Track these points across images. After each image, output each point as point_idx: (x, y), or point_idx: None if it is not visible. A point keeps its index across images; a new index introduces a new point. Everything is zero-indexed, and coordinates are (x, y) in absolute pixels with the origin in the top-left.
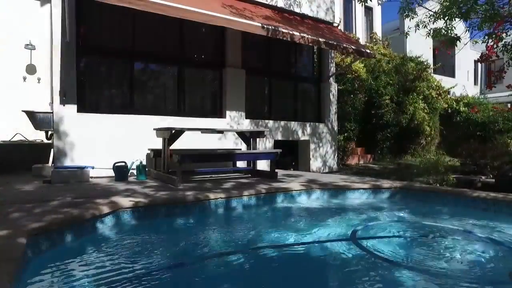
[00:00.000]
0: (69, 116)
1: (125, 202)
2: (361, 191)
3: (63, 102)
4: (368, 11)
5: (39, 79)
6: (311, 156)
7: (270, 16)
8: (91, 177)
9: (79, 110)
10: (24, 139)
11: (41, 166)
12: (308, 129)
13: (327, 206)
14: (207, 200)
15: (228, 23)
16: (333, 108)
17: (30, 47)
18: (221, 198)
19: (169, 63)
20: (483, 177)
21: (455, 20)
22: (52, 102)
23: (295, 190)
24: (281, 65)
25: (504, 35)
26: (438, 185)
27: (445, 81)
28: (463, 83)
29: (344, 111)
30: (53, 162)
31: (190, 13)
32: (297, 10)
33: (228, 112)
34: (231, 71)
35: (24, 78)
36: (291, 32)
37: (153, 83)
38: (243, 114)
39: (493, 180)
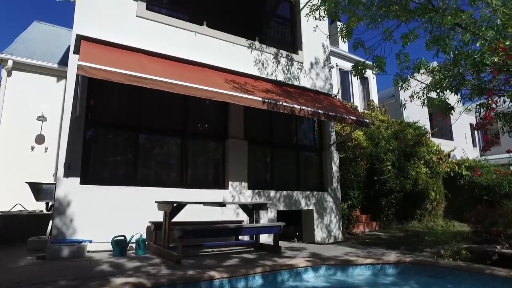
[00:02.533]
0: (71, 188)
1: None
2: (369, 266)
3: (66, 174)
4: (364, 80)
5: (46, 149)
6: (315, 226)
7: (270, 89)
8: (89, 251)
9: (82, 182)
10: (24, 209)
11: (37, 239)
12: (311, 198)
13: (334, 286)
14: (209, 281)
15: (231, 99)
16: (336, 176)
17: (42, 118)
18: (223, 278)
19: (173, 135)
20: (498, 247)
21: (447, 91)
22: (56, 173)
23: (300, 267)
24: (282, 135)
25: (494, 105)
26: (450, 258)
27: (444, 144)
28: (462, 145)
29: (346, 178)
30: (50, 234)
31: (195, 90)
32: (296, 83)
33: (230, 183)
34: (233, 143)
35: (32, 148)
36: (291, 106)
37: (156, 155)
38: (246, 184)
39: (510, 251)
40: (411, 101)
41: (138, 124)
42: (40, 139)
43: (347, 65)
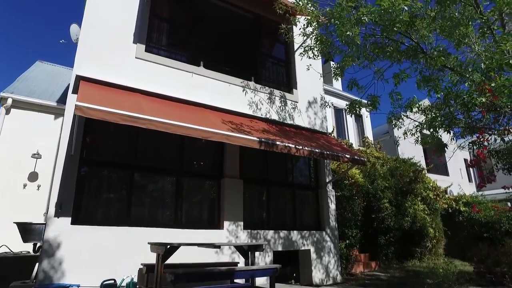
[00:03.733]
0: (62, 229)
1: None
2: None
3: (58, 214)
4: (358, 117)
5: (38, 187)
6: (313, 267)
7: (266, 129)
8: None
9: (73, 222)
10: (9, 251)
11: (21, 284)
12: (309, 238)
13: None
14: None
15: (227, 139)
16: (333, 215)
17: (36, 156)
18: None
19: (168, 174)
20: None
21: (439, 130)
22: (47, 212)
23: None
24: (278, 173)
25: (486, 143)
26: None
27: (440, 180)
28: (458, 180)
29: (344, 217)
30: (35, 278)
31: (191, 130)
32: (291, 122)
33: (225, 223)
34: (229, 182)
35: (24, 185)
36: (287, 146)
37: (151, 195)
38: (241, 224)
39: None
40: (404, 138)
41: (133, 162)
42: (33, 176)
43: (341, 103)
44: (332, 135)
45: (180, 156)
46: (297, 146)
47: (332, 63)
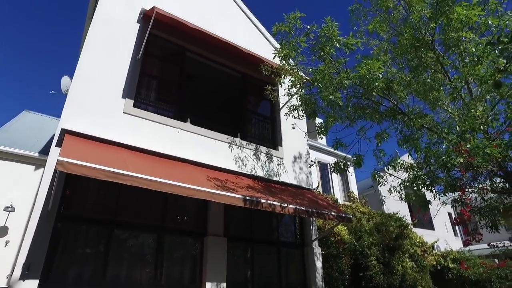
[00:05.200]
0: None
1: None
2: None
3: (23, 276)
4: (343, 172)
5: (7, 243)
6: None
7: (251, 186)
8: None
9: (41, 286)
10: None
11: None
12: None
13: None
14: None
15: (211, 197)
16: (320, 274)
17: (9, 209)
18: None
19: (149, 232)
20: None
21: (422, 188)
22: (11, 275)
23: None
24: (263, 231)
25: (468, 201)
26: None
27: (426, 235)
28: (443, 235)
29: (331, 276)
30: None
31: (175, 188)
32: (277, 178)
33: (208, 284)
34: (212, 240)
35: None
36: (272, 203)
37: (130, 253)
38: (224, 285)
39: None
40: (390, 194)
41: (113, 218)
42: (2, 231)
43: (326, 158)
44: (318, 190)
45: (162, 212)
46: (282, 204)
47: (317, 120)
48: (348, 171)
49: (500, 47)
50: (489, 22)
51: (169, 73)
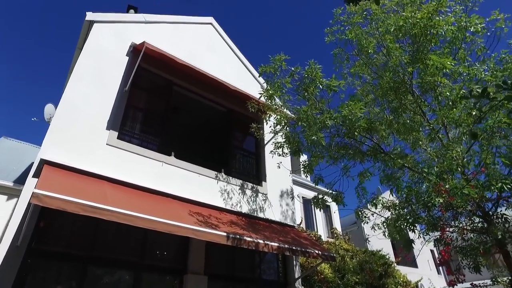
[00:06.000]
0: None
1: None
2: None
3: None
4: (326, 208)
5: None
6: None
7: (235, 222)
8: None
9: None
10: None
11: None
12: None
13: None
14: None
15: (193, 234)
16: None
17: None
18: None
19: (126, 268)
20: None
21: (404, 226)
22: None
23: None
24: (245, 269)
25: (449, 241)
26: None
27: (409, 272)
28: (427, 273)
29: None
30: None
31: (156, 224)
32: (261, 214)
33: None
34: (192, 278)
35: None
36: (255, 241)
37: None
38: None
39: None
40: (374, 231)
41: (89, 254)
42: None
43: (310, 194)
44: (301, 226)
45: (141, 248)
46: (265, 242)
47: (302, 158)
48: (330, 204)
49: (473, 100)
50: (461, 70)
51: (156, 106)
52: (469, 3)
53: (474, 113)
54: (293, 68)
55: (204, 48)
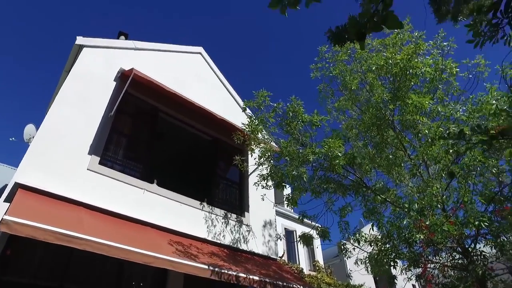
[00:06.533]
0: None
1: None
2: None
3: None
4: (309, 245)
5: None
6: None
7: (216, 253)
8: None
9: None
10: None
11: None
12: None
13: None
14: None
15: (171, 265)
16: None
17: None
18: None
19: None
20: None
21: (386, 262)
22: None
23: None
24: None
25: (430, 278)
26: None
27: None
28: None
29: None
30: None
31: (132, 254)
32: (243, 246)
33: None
34: None
35: None
36: (236, 274)
37: None
38: None
39: None
40: (357, 266)
41: (60, 285)
42: None
43: (292, 225)
44: (283, 258)
45: (116, 278)
46: (247, 275)
47: (285, 190)
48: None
49: (450, 141)
50: (439, 109)
51: (140, 132)
52: (445, 48)
53: (451, 151)
54: (275, 104)
55: (192, 76)
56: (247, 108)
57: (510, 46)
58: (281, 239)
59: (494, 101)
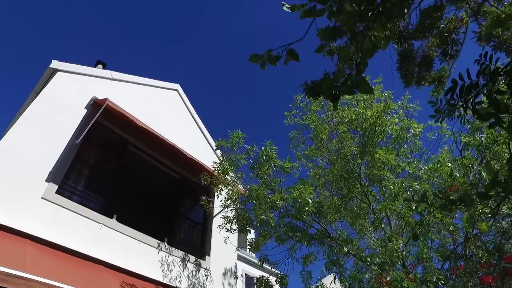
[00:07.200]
0: None
1: None
2: None
3: None
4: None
5: None
6: None
7: None
8: None
9: None
10: None
11: None
12: None
13: None
14: None
15: None
16: None
17: None
18: None
19: None
20: None
21: None
22: None
23: None
24: None
25: None
26: None
27: None
28: None
29: None
30: None
31: None
32: None
33: None
34: None
35: None
36: None
37: None
38: None
39: None
40: None
41: None
42: None
43: (254, 271)
44: None
45: None
46: None
47: (249, 235)
48: (273, 280)
49: (414, 204)
50: (404, 166)
51: (106, 163)
52: (411, 109)
53: (413, 212)
54: (248, 147)
55: (166, 112)
56: (220, 148)
57: (464, 125)
58: (242, 281)
59: (449, 164)
